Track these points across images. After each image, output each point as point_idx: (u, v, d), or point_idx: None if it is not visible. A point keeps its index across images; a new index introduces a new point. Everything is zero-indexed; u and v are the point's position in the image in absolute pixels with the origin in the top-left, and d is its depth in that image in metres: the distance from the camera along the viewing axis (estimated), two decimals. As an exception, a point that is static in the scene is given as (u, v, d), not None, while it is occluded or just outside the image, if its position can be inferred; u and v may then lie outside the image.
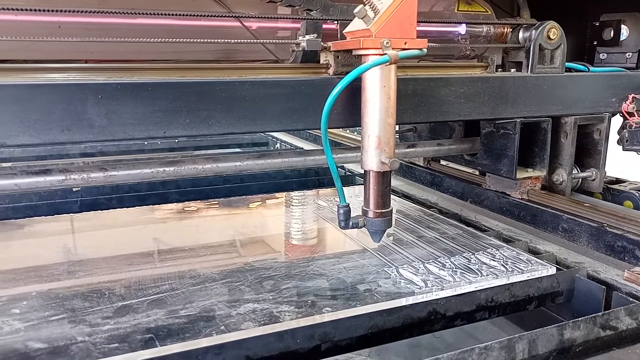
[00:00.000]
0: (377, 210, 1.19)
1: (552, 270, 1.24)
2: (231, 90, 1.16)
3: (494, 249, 1.35)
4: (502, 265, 1.25)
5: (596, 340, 1.02)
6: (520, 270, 1.22)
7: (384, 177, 1.18)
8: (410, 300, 1.10)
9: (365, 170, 1.19)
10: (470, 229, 1.54)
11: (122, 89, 1.08)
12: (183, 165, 1.45)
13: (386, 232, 1.21)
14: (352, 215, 1.21)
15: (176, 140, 2.95)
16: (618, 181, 1.94)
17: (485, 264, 1.26)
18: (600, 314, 1.04)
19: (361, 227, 1.21)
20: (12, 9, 1.07)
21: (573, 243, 1.45)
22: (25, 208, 1.78)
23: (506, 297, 1.18)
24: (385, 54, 1.08)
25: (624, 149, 1.61)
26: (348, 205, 1.20)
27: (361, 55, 1.15)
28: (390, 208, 1.21)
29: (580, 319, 1.01)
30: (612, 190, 1.86)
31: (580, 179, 1.75)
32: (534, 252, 1.40)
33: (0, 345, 0.92)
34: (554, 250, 1.42)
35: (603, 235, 1.38)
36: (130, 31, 1.24)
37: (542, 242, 1.48)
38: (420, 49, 1.12)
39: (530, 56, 1.55)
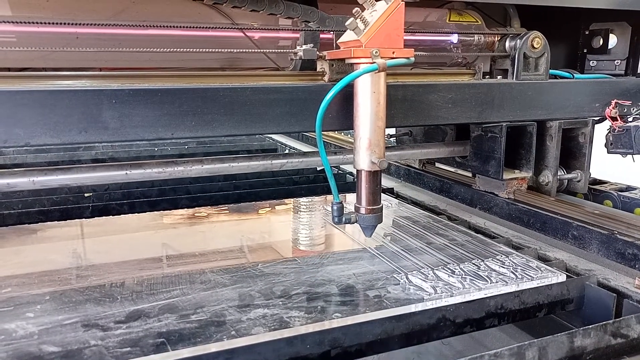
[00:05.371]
0: (368, 207, 1.26)
1: (562, 277, 1.23)
2: (233, 95, 1.24)
3: (503, 256, 1.34)
4: (512, 272, 1.24)
5: (607, 348, 1.01)
6: (530, 278, 1.21)
7: (374, 176, 1.25)
8: (420, 306, 1.10)
9: (357, 170, 1.25)
10: (479, 235, 1.54)
11: (134, 94, 1.15)
12: (192, 166, 1.49)
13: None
14: (345, 212, 1.27)
15: (186, 147, 2.97)
16: (628, 188, 1.93)
17: (494, 270, 1.26)
18: (611, 321, 1.04)
19: (353, 223, 1.28)
20: (34, 22, 1.16)
21: (583, 250, 1.44)
22: (37, 213, 1.81)
23: (516, 304, 1.18)
24: (375, 62, 1.15)
25: (608, 152, 1.65)
26: (341, 202, 1.27)
27: (353, 63, 1.22)
28: (381, 205, 1.28)
29: (590, 326, 1.00)
30: (623, 198, 1.85)
31: (567, 180, 1.80)
32: (544, 260, 1.40)
33: (15, 348, 0.93)
34: (564, 258, 1.41)
35: (613, 242, 1.37)
36: (142, 41, 1.31)
37: (552, 250, 1.48)
38: (407, 58, 1.20)
39: (516, 64, 1.61)
